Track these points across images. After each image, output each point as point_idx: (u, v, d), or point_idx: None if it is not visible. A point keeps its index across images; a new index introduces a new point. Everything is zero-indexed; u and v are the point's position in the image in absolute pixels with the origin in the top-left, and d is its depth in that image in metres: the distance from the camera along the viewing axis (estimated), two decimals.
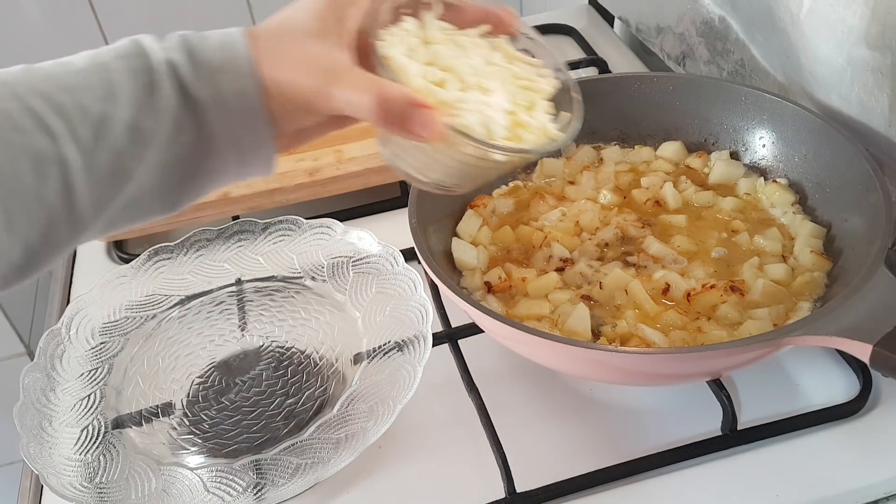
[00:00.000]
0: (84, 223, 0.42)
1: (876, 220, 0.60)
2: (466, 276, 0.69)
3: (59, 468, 0.62)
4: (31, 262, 0.41)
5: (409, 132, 0.44)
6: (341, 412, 0.64)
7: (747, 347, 0.53)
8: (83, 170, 0.41)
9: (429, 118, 0.43)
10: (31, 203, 0.40)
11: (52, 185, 0.40)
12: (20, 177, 0.39)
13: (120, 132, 0.42)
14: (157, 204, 0.46)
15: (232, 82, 0.44)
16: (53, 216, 0.41)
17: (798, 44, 0.70)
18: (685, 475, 0.60)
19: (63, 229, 0.42)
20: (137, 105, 0.42)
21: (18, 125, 0.39)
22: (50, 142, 0.40)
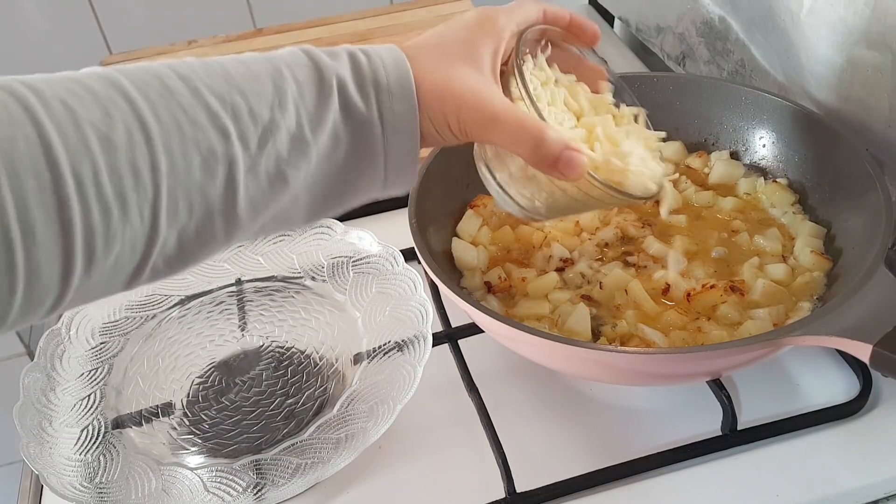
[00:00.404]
0: (239, 225, 0.43)
1: (876, 220, 0.60)
2: (466, 276, 0.69)
3: (59, 468, 0.62)
4: (182, 255, 0.42)
5: (555, 171, 0.48)
6: (341, 412, 0.64)
7: (747, 347, 0.53)
8: (247, 172, 0.42)
9: (578, 162, 0.47)
10: (195, 196, 0.40)
11: (217, 183, 0.41)
12: (190, 170, 0.40)
13: (283, 140, 0.43)
14: (302, 215, 0.47)
15: (394, 104, 0.46)
16: (213, 213, 0.41)
17: (798, 44, 0.71)
18: (685, 475, 0.60)
19: (219, 228, 0.42)
20: (304, 116, 0.43)
21: (195, 120, 0.40)
22: (222, 140, 0.41)
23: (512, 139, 0.47)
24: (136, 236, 0.39)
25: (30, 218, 0.35)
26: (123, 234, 0.38)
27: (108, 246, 0.38)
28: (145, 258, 0.40)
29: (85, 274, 0.38)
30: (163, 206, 0.39)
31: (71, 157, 0.36)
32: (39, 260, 0.36)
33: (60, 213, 0.36)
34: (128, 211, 0.38)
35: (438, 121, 0.47)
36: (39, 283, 0.36)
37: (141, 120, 0.38)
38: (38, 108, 0.36)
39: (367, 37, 1.10)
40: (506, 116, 0.47)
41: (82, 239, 0.37)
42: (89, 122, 0.37)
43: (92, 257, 0.37)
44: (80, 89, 0.38)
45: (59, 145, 0.36)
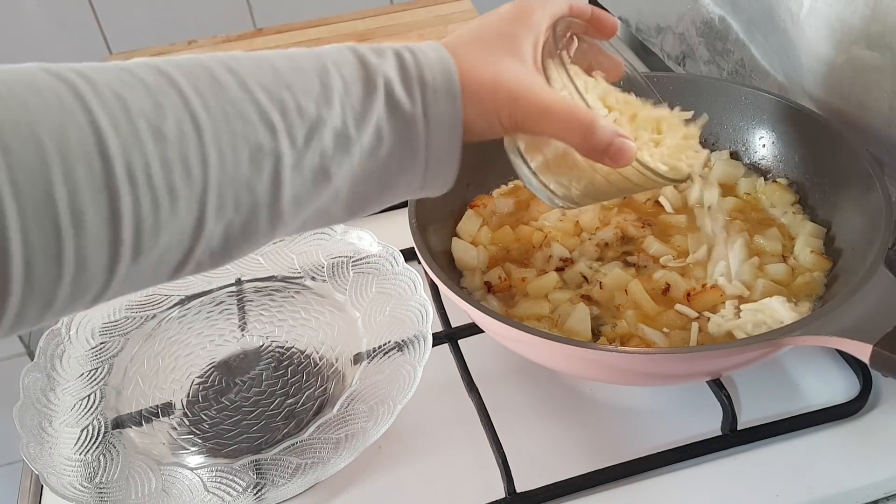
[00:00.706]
0: (282, 220, 0.43)
1: (876, 220, 0.60)
2: (466, 276, 0.69)
3: (59, 468, 0.62)
4: (226, 249, 0.42)
5: (605, 158, 0.48)
6: (341, 412, 0.64)
7: (747, 347, 0.53)
8: (292, 167, 0.42)
9: (628, 149, 0.48)
10: (242, 191, 0.40)
11: (264, 178, 0.41)
12: (238, 164, 0.40)
13: (328, 136, 0.43)
14: (341, 211, 0.47)
15: (439, 102, 0.46)
16: (258, 208, 0.41)
17: (798, 44, 0.70)
18: (685, 475, 0.60)
19: (263, 222, 0.42)
20: (349, 113, 0.43)
21: (243, 114, 0.40)
22: (270, 136, 0.41)
23: (564, 129, 0.48)
24: (183, 229, 0.39)
25: (80, 207, 0.35)
26: (171, 227, 0.38)
27: (156, 237, 0.38)
28: (191, 251, 0.40)
29: (132, 264, 0.38)
30: (211, 200, 0.39)
31: (123, 146, 0.36)
32: (87, 249, 0.35)
33: (110, 203, 0.36)
34: (177, 203, 0.38)
35: (489, 114, 0.48)
36: (86, 272, 0.36)
37: (191, 112, 0.38)
38: (91, 97, 0.36)
39: (367, 36, 1.10)
40: (558, 107, 0.48)
41: (131, 229, 0.37)
42: (141, 112, 0.37)
43: (139, 248, 0.37)
44: (132, 79, 0.38)
45: (112, 135, 0.36)
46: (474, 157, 0.75)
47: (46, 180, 0.34)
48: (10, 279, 0.34)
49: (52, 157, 0.34)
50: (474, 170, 0.75)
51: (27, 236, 0.33)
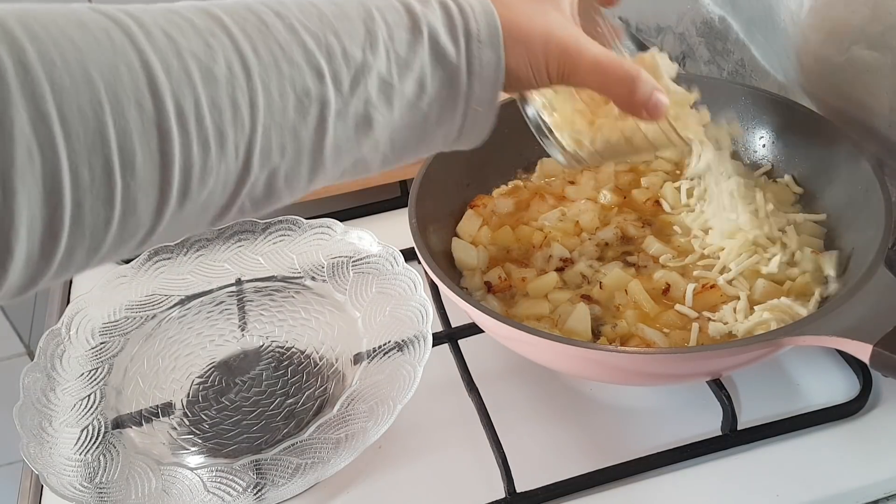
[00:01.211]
0: (323, 167, 0.43)
1: (876, 220, 0.60)
2: (466, 276, 0.69)
3: (59, 468, 0.62)
4: (268, 195, 0.42)
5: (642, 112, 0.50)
6: (341, 412, 0.64)
7: (747, 347, 0.53)
8: (337, 114, 0.41)
9: (664, 104, 0.50)
10: (288, 136, 0.40)
11: (309, 123, 0.40)
12: (286, 108, 0.39)
13: (373, 83, 0.42)
14: (378, 162, 0.46)
15: (483, 53, 0.45)
16: (302, 154, 0.41)
17: (798, 44, 0.70)
18: (685, 475, 0.60)
19: (304, 170, 0.42)
20: (394, 60, 0.43)
21: (291, 58, 0.39)
22: (317, 81, 0.40)
23: (612, 82, 0.49)
24: (229, 173, 0.38)
25: (131, 149, 0.34)
26: (218, 171, 0.38)
27: (203, 182, 0.37)
28: (235, 196, 0.40)
29: (178, 209, 0.37)
30: (257, 144, 0.39)
31: (174, 87, 0.35)
32: (137, 192, 0.35)
33: (161, 146, 0.35)
34: (225, 147, 0.37)
35: (538, 65, 0.48)
36: (134, 216, 0.36)
37: (241, 54, 0.38)
38: (141, 37, 0.35)
39: None
40: (608, 62, 0.48)
41: (180, 173, 0.36)
42: (191, 52, 0.36)
43: (187, 192, 0.37)
44: (181, 20, 0.37)
45: (163, 75, 0.35)
46: (474, 157, 0.75)
47: (98, 120, 0.33)
48: (60, 221, 0.33)
49: (103, 96, 0.33)
50: (474, 170, 0.75)
51: (77, 177, 0.33)
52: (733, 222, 0.67)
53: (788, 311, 0.60)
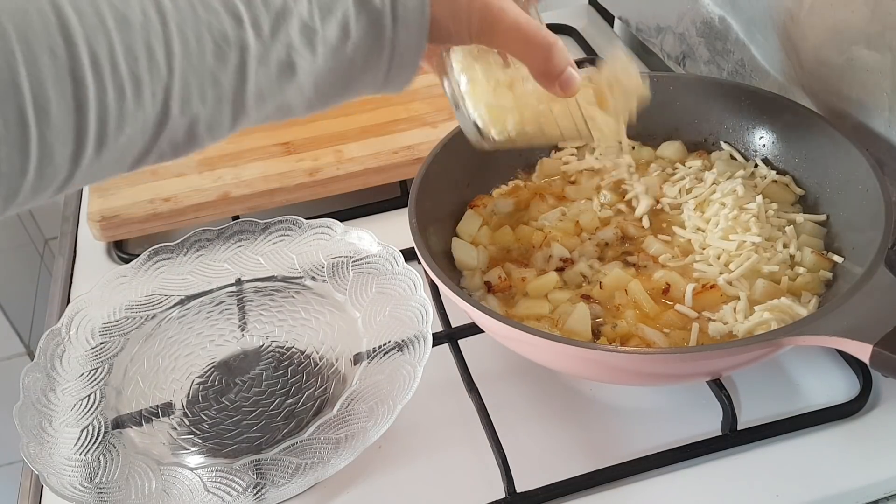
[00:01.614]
0: (245, 113, 0.42)
1: (876, 221, 0.60)
2: (466, 276, 0.69)
3: (59, 468, 0.62)
4: (189, 141, 0.41)
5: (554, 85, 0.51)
6: (341, 412, 0.64)
7: (747, 347, 0.53)
8: (257, 59, 0.41)
9: (576, 80, 0.51)
10: (207, 82, 0.40)
11: (229, 69, 0.40)
12: (203, 54, 0.39)
13: (295, 28, 0.42)
14: (303, 106, 0.46)
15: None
16: (222, 100, 0.41)
17: (798, 44, 0.70)
18: (685, 475, 0.60)
19: (226, 115, 0.42)
20: (316, 4, 0.42)
21: (208, 3, 0.39)
22: (235, 25, 0.40)
23: (529, 47, 0.49)
24: (147, 119, 0.38)
25: (45, 97, 0.34)
26: (135, 117, 0.37)
27: (120, 128, 0.37)
28: (153, 141, 0.40)
29: (95, 155, 0.37)
30: (175, 91, 0.38)
31: (87, 33, 0.35)
32: (52, 140, 0.35)
33: (75, 93, 0.35)
34: (141, 93, 0.37)
35: (460, 17, 0.48)
36: (51, 163, 0.36)
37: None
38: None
39: None
40: (528, 25, 0.49)
41: (95, 120, 0.36)
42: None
43: (104, 139, 0.37)
44: None
45: (76, 21, 0.35)
46: (475, 157, 0.75)
47: (10, 68, 0.33)
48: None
49: (14, 43, 0.33)
50: (474, 170, 0.76)
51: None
52: (733, 222, 0.67)
53: (788, 311, 0.60)
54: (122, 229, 0.85)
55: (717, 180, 0.72)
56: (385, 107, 0.94)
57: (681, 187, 0.73)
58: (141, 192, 0.86)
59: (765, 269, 0.65)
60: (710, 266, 0.66)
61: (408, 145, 0.88)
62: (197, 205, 0.85)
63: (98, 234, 0.85)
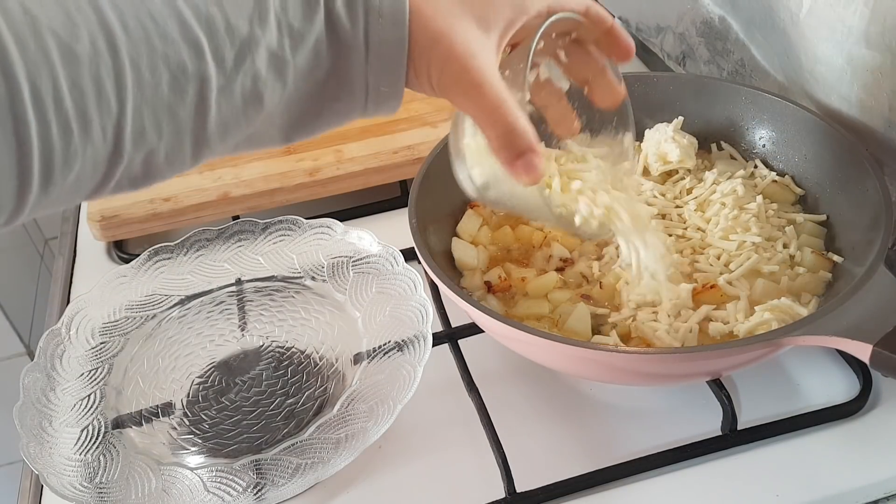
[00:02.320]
0: (208, 146, 0.41)
1: (876, 221, 0.60)
2: (466, 276, 0.69)
3: (59, 468, 0.62)
4: (147, 175, 0.40)
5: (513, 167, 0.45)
6: (341, 412, 0.64)
7: (747, 347, 0.53)
8: (220, 91, 0.39)
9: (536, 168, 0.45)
10: (163, 116, 0.38)
11: (188, 102, 0.38)
12: (158, 87, 0.37)
13: (262, 58, 0.40)
14: (277, 136, 0.44)
15: (383, 30, 0.42)
16: (182, 133, 0.39)
17: (798, 44, 0.70)
18: (685, 475, 0.60)
19: (187, 149, 0.40)
20: (287, 33, 0.40)
21: (165, 32, 0.37)
22: (194, 56, 0.37)
23: (486, 116, 0.45)
24: (97, 156, 0.37)
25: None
26: (84, 154, 0.36)
27: (68, 165, 0.36)
28: (108, 177, 0.38)
29: (42, 193, 0.36)
30: (127, 126, 0.37)
31: (29, 68, 0.33)
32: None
33: (16, 130, 0.33)
34: (90, 130, 0.35)
35: (421, 66, 0.44)
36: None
37: (107, 29, 0.35)
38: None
39: None
40: (490, 91, 0.44)
41: (39, 158, 0.34)
42: (50, 29, 0.34)
43: (49, 177, 0.35)
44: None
45: (17, 55, 0.33)
46: None
47: None
48: None
49: None
50: None
51: None
52: (733, 222, 0.67)
53: (789, 312, 0.60)
54: (122, 229, 0.85)
55: (717, 180, 0.72)
56: None
57: (681, 187, 0.73)
58: (141, 192, 0.86)
59: (765, 269, 0.65)
60: (710, 266, 0.66)
61: (408, 145, 0.88)
62: (197, 205, 0.85)
63: (98, 234, 0.85)
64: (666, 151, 0.73)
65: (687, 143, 0.73)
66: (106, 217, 0.84)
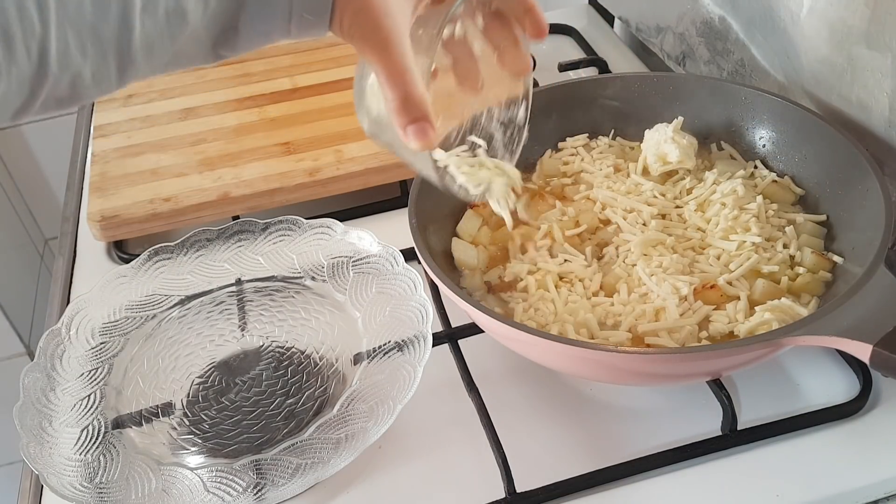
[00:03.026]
0: (133, 65, 0.41)
1: (876, 221, 0.60)
2: (466, 276, 0.69)
3: (59, 468, 0.62)
4: (74, 95, 0.40)
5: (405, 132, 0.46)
6: (341, 412, 0.64)
7: (747, 347, 0.53)
8: (143, 9, 0.39)
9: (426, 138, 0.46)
10: (87, 36, 0.38)
11: (111, 21, 0.39)
12: (81, 7, 0.38)
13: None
14: (203, 54, 0.44)
15: None
16: (106, 53, 0.39)
17: (798, 44, 0.71)
18: (685, 475, 0.60)
19: (112, 68, 0.40)
20: None
21: None
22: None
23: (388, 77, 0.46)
24: (23, 75, 0.37)
25: None
26: (9, 73, 0.36)
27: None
28: (34, 96, 0.39)
29: None
30: (52, 45, 0.37)
31: None
32: None
33: None
34: (13, 49, 0.36)
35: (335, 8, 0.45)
36: None
37: None
38: None
39: None
40: (396, 53, 0.45)
41: None
42: None
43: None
44: None
45: None
46: None
47: None
48: None
49: None
50: None
51: None
52: (733, 222, 0.67)
53: (789, 312, 0.60)
54: (122, 229, 0.85)
55: (718, 180, 0.72)
56: None
57: (681, 187, 0.73)
58: (141, 192, 0.86)
59: (765, 269, 0.65)
60: (710, 266, 0.66)
61: None
62: (197, 205, 0.85)
63: (98, 234, 0.85)
64: (665, 152, 0.73)
65: (686, 143, 0.73)
66: (106, 217, 0.84)
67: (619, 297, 0.65)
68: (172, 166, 0.90)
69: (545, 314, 0.64)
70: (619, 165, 0.77)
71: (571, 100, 0.79)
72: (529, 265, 0.68)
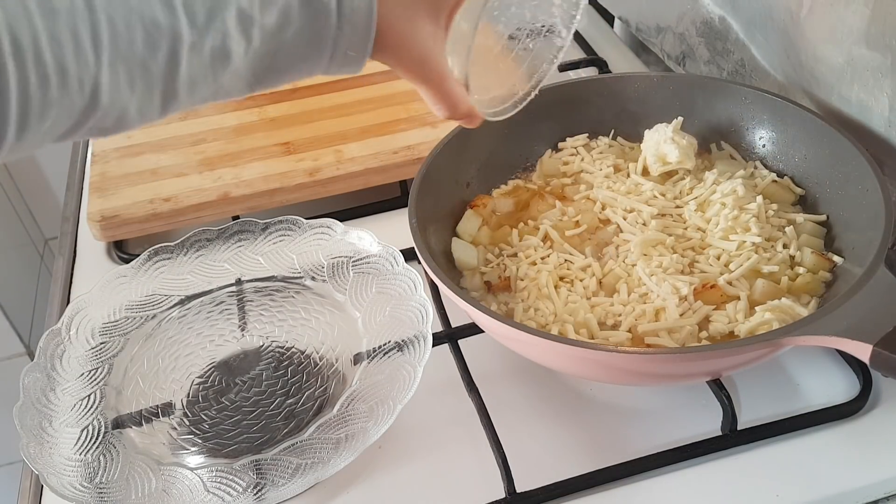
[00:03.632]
0: (176, 99, 0.42)
1: (876, 221, 0.60)
2: (466, 276, 0.69)
3: (59, 468, 0.62)
4: (118, 126, 0.42)
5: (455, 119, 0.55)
6: (341, 412, 0.64)
7: (747, 347, 0.53)
8: (191, 48, 0.40)
9: (475, 122, 0.56)
10: (136, 71, 0.39)
11: (160, 58, 0.40)
12: (133, 43, 0.39)
13: (232, 16, 0.41)
14: (240, 89, 0.46)
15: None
16: (153, 88, 0.41)
17: (798, 44, 0.71)
18: (685, 475, 0.60)
19: (156, 102, 0.42)
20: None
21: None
22: (167, 13, 0.39)
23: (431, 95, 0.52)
24: (74, 106, 0.38)
25: None
26: (60, 105, 0.37)
27: (43, 116, 0.37)
28: (80, 125, 0.40)
29: (17, 141, 0.37)
30: (104, 80, 0.38)
31: (9, 20, 0.35)
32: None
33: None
34: (67, 82, 0.37)
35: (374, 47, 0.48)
36: None
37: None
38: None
39: None
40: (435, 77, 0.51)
41: (17, 107, 0.36)
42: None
43: (25, 125, 0.37)
44: None
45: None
46: (475, 157, 0.75)
47: None
48: None
49: None
50: (474, 170, 0.76)
51: None
52: (733, 222, 0.67)
53: (789, 312, 0.60)
54: (122, 229, 0.85)
55: (718, 180, 0.72)
56: (385, 107, 0.94)
57: (681, 188, 0.73)
58: (141, 192, 0.86)
59: (765, 270, 0.65)
60: (710, 266, 0.66)
61: (408, 145, 0.88)
62: (197, 205, 0.85)
63: (98, 234, 0.85)
64: (665, 152, 0.73)
65: (686, 143, 0.73)
66: (106, 217, 0.84)
67: (618, 297, 0.65)
68: (172, 166, 0.90)
69: (545, 314, 0.64)
70: (619, 165, 0.77)
71: (571, 100, 0.79)
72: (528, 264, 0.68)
